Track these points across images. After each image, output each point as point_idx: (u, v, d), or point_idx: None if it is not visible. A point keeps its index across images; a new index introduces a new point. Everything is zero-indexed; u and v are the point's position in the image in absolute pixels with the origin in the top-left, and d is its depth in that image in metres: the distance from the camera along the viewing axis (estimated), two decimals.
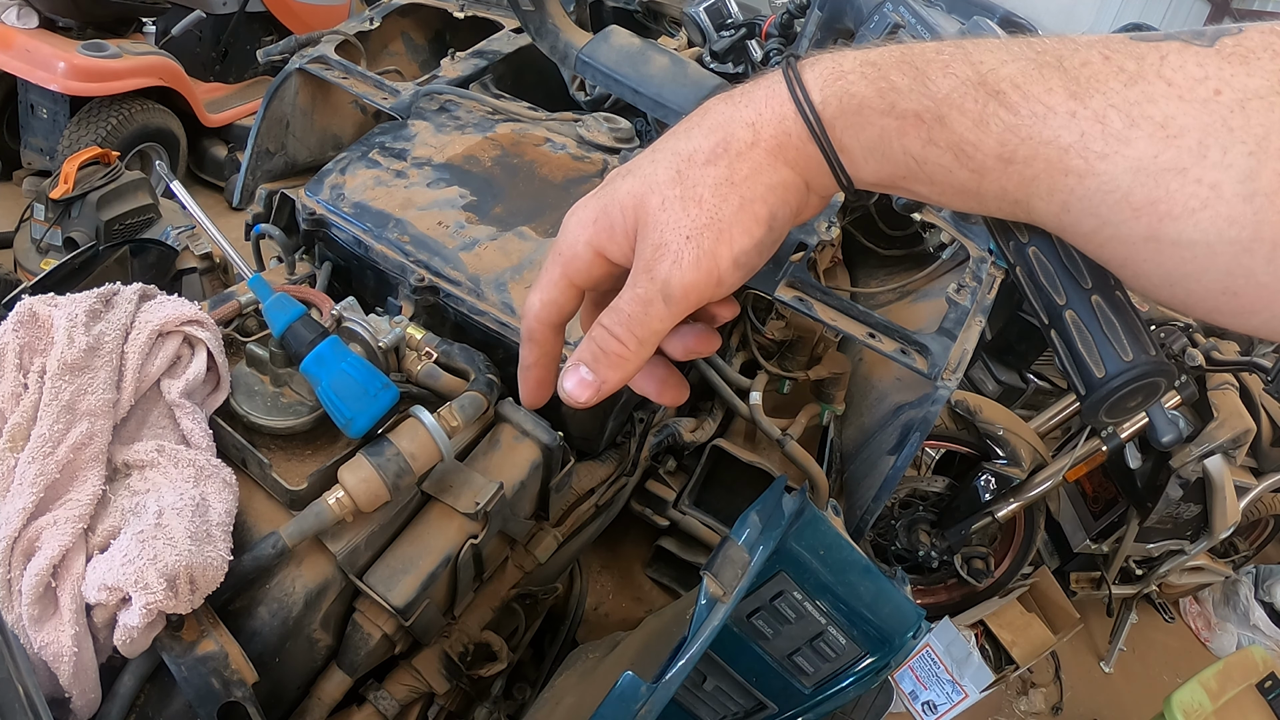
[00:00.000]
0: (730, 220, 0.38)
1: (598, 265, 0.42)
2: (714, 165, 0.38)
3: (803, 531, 0.84)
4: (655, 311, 0.39)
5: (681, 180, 0.39)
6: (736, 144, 0.38)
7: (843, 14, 0.80)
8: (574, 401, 0.42)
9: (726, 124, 0.39)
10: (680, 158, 0.39)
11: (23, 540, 0.70)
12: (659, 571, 1.30)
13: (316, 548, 0.83)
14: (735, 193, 0.38)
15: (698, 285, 0.38)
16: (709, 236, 0.38)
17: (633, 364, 0.41)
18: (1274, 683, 2.16)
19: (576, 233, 0.42)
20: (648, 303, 0.39)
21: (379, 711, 0.93)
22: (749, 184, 0.38)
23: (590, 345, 0.41)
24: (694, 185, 0.38)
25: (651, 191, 0.39)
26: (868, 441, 1.31)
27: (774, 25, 1.01)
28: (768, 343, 1.34)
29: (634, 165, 0.42)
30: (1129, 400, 0.38)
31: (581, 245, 0.42)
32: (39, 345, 0.78)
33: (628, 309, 0.40)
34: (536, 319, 0.45)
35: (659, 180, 0.39)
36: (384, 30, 1.54)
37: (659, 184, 0.39)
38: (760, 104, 0.39)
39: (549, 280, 0.43)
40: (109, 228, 2.49)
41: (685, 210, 0.38)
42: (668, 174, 0.39)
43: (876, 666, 0.89)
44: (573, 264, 0.42)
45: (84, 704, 0.72)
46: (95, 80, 3.11)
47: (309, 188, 1.10)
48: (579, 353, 0.42)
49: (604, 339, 0.41)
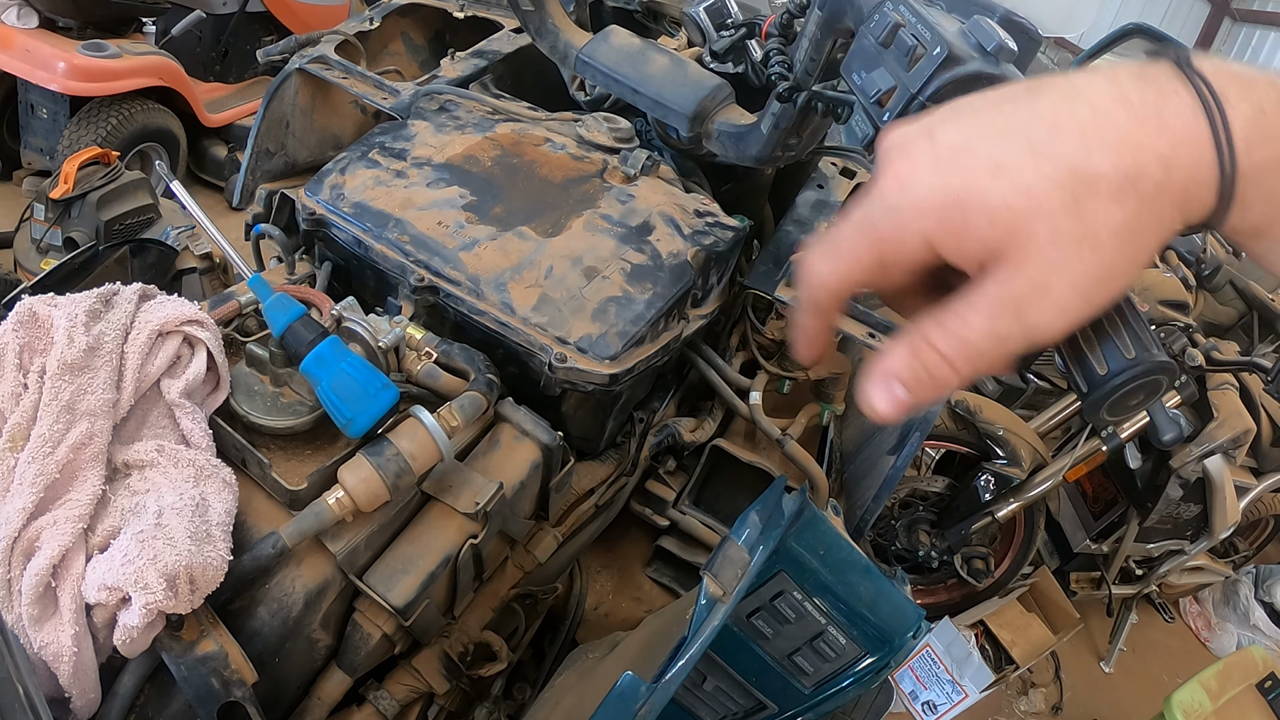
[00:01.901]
0: (1119, 274, 0.33)
1: (921, 256, 0.36)
2: (1119, 204, 0.32)
3: (803, 531, 0.84)
4: (1008, 350, 0.34)
5: (1080, 212, 0.32)
6: (1146, 183, 0.33)
7: (843, 14, 0.79)
8: (876, 415, 0.37)
9: (1135, 149, 0.33)
10: (1077, 178, 0.32)
11: (23, 540, 0.70)
12: (659, 571, 1.30)
13: (316, 548, 0.83)
14: (1134, 244, 0.33)
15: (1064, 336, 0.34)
16: (1098, 291, 0.33)
17: (952, 391, 0.37)
18: (1274, 683, 2.16)
19: (911, 218, 0.35)
20: (1003, 341, 0.34)
21: (379, 711, 0.93)
22: (1148, 236, 0.33)
23: (914, 364, 0.36)
24: (1093, 224, 0.32)
25: (1040, 216, 0.33)
26: (868, 441, 1.31)
27: (774, 25, 1.01)
28: (768, 343, 1.34)
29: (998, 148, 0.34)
30: (1131, 398, 0.38)
31: (914, 234, 0.35)
32: (39, 345, 0.78)
33: (978, 341, 0.34)
34: (827, 291, 0.39)
35: (1050, 204, 0.32)
36: (384, 30, 1.54)
37: (1050, 209, 0.32)
38: (1177, 135, 0.33)
39: (853, 254, 0.37)
40: (109, 228, 2.50)
41: (1080, 255, 0.32)
42: (1061, 198, 0.32)
43: (876, 666, 0.89)
44: (893, 248, 0.36)
45: (84, 704, 0.72)
46: (95, 80, 3.11)
47: (309, 188, 1.10)
48: (895, 365, 0.36)
49: (936, 364, 0.35)
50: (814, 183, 1.37)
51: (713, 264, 1.13)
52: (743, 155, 1.09)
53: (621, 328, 0.99)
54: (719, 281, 1.19)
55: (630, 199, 1.14)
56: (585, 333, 0.98)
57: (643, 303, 1.02)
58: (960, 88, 0.61)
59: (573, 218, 1.09)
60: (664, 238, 1.10)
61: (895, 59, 0.65)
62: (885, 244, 0.36)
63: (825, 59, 0.88)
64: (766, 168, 1.36)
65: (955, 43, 0.61)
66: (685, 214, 1.15)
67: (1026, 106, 0.35)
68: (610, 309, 1.00)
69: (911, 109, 0.63)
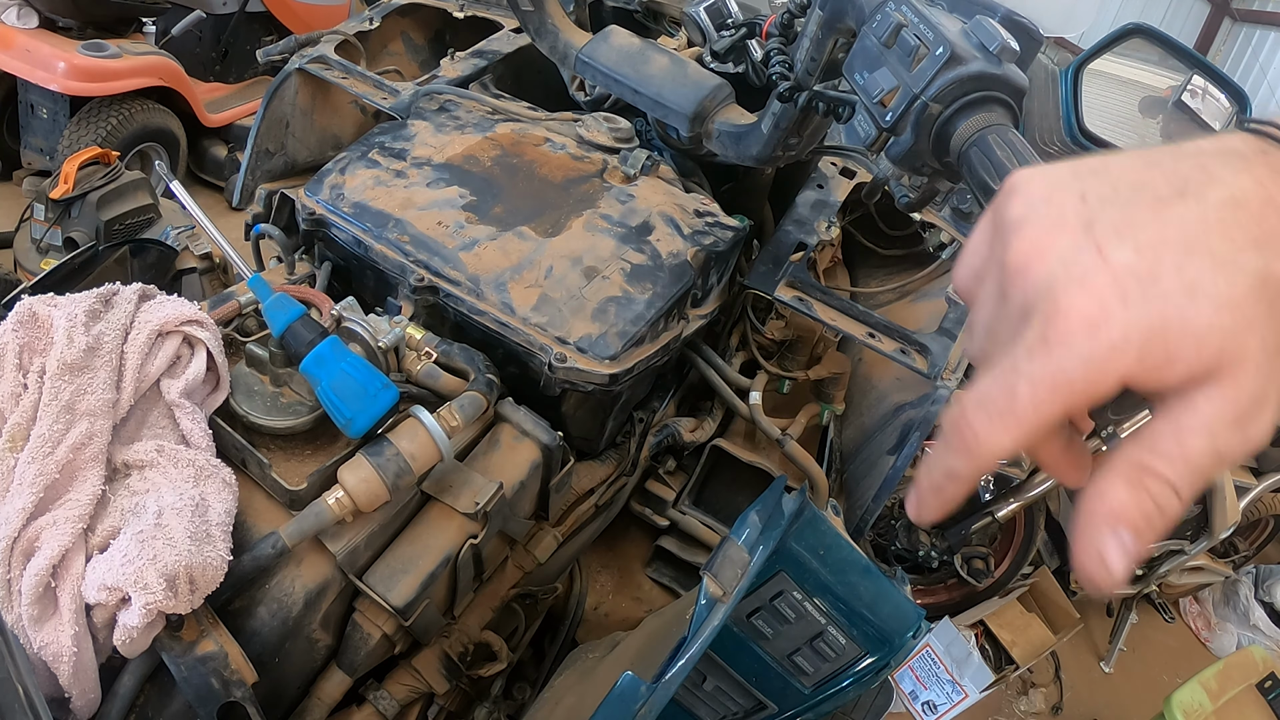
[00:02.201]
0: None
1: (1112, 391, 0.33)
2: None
3: (802, 531, 0.84)
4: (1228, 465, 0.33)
5: (1277, 323, 0.32)
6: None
7: (844, 14, 0.79)
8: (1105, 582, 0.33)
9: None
10: (1268, 285, 0.32)
11: (22, 540, 0.70)
12: (659, 571, 1.30)
13: (316, 548, 0.83)
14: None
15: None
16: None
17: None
18: (1274, 683, 2.16)
19: (1110, 362, 0.32)
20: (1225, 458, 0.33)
21: (379, 711, 0.93)
22: None
23: (1140, 497, 0.33)
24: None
25: (1249, 329, 0.32)
26: (868, 441, 1.31)
27: (774, 25, 1.01)
28: (768, 343, 1.34)
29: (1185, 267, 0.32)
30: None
31: (1111, 378, 0.32)
32: (39, 345, 0.78)
33: (1202, 462, 0.33)
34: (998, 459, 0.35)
35: (1255, 314, 0.32)
36: (384, 30, 1.54)
37: (1256, 319, 0.32)
38: None
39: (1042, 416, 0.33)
40: (109, 228, 2.50)
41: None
42: (1261, 310, 0.32)
43: (876, 666, 0.89)
44: (1087, 396, 0.33)
45: (84, 704, 0.72)
46: (95, 80, 3.11)
47: (309, 188, 1.10)
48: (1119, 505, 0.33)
49: (1163, 494, 0.33)
50: (814, 183, 1.37)
51: (713, 264, 1.13)
52: (743, 155, 1.09)
53: (621, 328, 0.99)
54: (719, 281, 1.19)
55: (630, 199, 1.14)
56: (585, 333, 0.98)
57: (643, 303, 1.02)
58: (963, 88, 0.61)
59: (573, 218, 1.09)
60: (664, 238, 1.10)
61: (898, 59, 0.65)
62: (1079, 395, 0.33)
63: (826, 59, 0.88)
64: (766, 168, 1.36)
65: (958, 43, 0.61)
66: (685, 214, 1.15)
67: (1192, 212, 0.33)
68: (610, 309, 1.00)
69: (914, 109, 0.63)
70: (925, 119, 0.62)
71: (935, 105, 0.62)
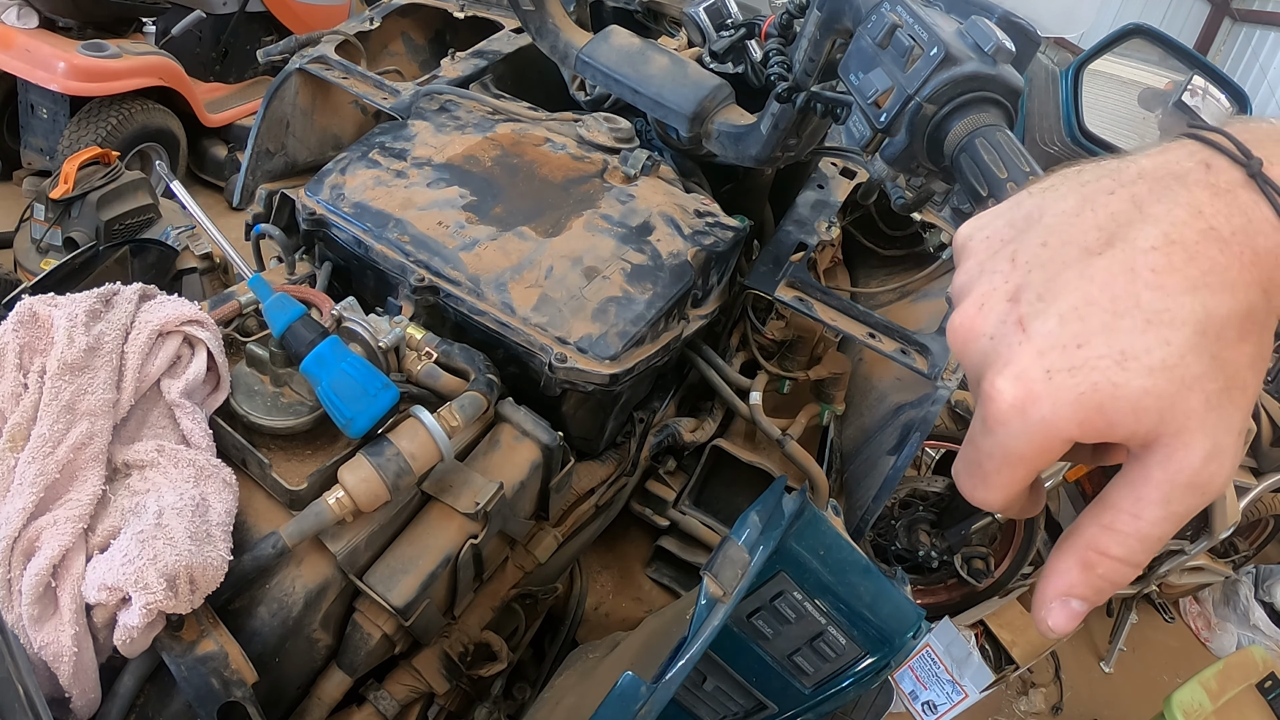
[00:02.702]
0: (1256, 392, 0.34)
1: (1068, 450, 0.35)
2: (1246, 340, 0.33)
3: (803, 531, 0.84)
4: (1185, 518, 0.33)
5: (1220, 365, 0.32)
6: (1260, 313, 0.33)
7: (841, 14, 0.79)
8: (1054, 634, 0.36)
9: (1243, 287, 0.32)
10: (1206, 335, 0.32)
11: (23, 540, 0.70)
12: (659, 571, 1.30)
13: (316, 548, 0.83)
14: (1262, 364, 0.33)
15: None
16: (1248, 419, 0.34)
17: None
18: (1274, 683, 2.16)
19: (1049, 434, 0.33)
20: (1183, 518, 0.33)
21: (379, 711, 0.93)
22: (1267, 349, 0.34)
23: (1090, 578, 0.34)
24: (1234, 369, 0.32)
25: (1189, 389, 0.32)
26: (868, 441, 1.31)
27: (774, 25, 1.01)
28: (768, 343, 1.34)
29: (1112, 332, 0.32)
30: None
31: (1058, 443, 0.33)
32: (39, 345, 0.78)
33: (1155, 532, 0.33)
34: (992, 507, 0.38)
35: (1194, 372, 0.32)
36: (384, 30, 1.54)
37: (1196, 378, 0.32)
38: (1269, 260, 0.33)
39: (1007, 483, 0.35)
40: (109, 228, 2.50)
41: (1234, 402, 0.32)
42: (1202, 363, 0.32)
43: (876, 667, 0.89)
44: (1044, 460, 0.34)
45: (84, 704, 0.72)
46: (95, 80, 3.11)
47: (309, 188, 1.10)
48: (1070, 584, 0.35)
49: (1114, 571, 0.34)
50: (814, 183, 1.37)
51: (713, 264, 1.13)
52: (743, 155, 1.09)
53: (621, 328, 0.99)
54: (719, 281, 1.19)
55: (630, 199, 1.14)
56: (585, 333, 0.98)
57: (643, 303, 1.02)
58: (958, 88, 0.61)
59: (573, 218, 1.09)
60: (664, 238, 1.10)
61: (892, 59, 0.65)
62: (1033, 462, 0.34)
63: (824, 59, 0.88)
64: (766, 168, 1.36)
65: (952, 43, 0.61)
66: (685, 214, 1.15)
67: (1119, 265, 0.33)
68: (610, 309, 1.00)
69: (908, 109, 0.62)
70: (919, 120, 0.62)
71: (929, 106, 0.61)
